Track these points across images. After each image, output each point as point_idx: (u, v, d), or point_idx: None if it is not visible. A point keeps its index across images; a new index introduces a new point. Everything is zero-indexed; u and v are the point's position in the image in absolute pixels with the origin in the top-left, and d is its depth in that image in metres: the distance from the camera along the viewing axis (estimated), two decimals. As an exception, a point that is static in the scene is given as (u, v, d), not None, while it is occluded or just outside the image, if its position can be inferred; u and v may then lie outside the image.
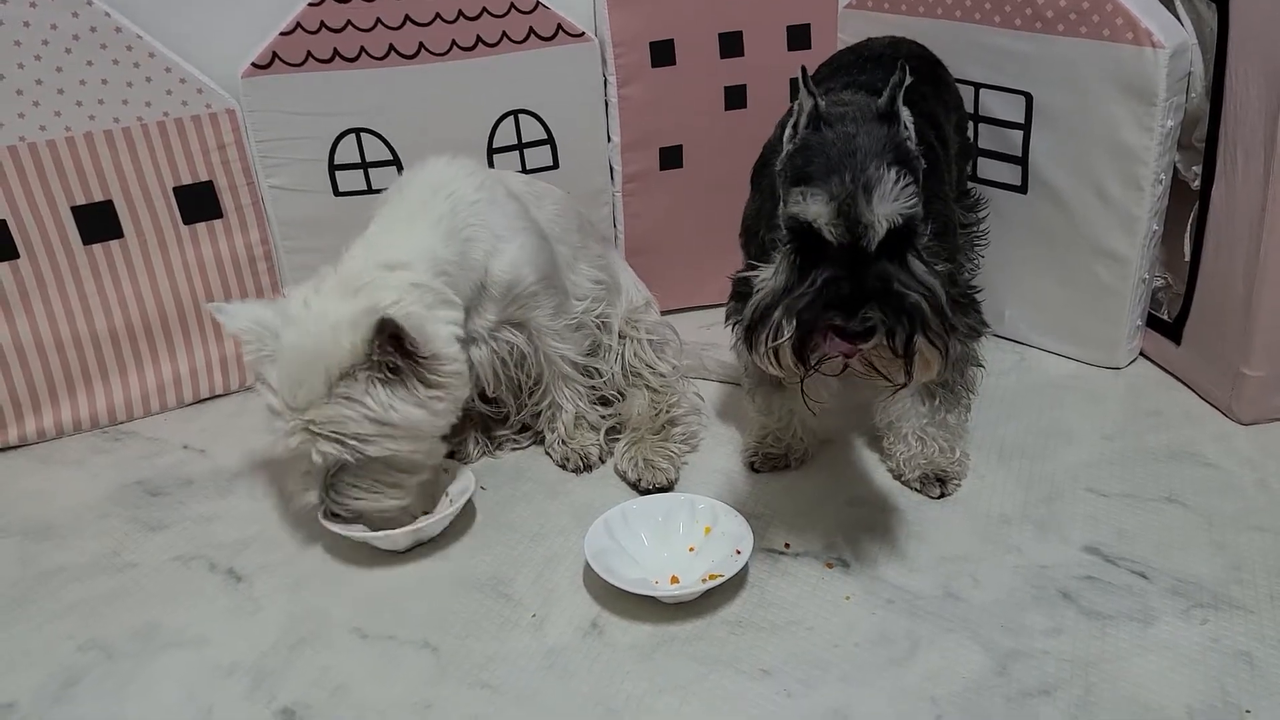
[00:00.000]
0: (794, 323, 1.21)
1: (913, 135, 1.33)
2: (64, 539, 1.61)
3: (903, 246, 1.22)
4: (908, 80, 1.26)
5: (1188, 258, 1.79)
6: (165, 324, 1.91)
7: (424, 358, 1.42)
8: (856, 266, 1.20)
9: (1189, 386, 1.82)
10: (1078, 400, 1.82)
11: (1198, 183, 1.76)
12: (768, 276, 1.28)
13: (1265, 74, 1.56)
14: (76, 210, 1.79)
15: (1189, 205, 1.80)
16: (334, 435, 1.40)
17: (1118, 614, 1.35)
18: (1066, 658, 1.28)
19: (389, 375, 1.41)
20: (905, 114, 1.32)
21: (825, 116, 1.25)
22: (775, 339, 1.22)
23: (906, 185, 1.20)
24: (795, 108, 1.30)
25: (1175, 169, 1.79)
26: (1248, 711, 1.19)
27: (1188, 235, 1.80)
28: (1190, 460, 1.64)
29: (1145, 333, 1.90)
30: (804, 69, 1.28)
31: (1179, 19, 1.72)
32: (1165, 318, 1.87)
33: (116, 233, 1.83)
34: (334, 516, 1.49)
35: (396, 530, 1.49)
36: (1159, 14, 1.69)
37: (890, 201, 1.19)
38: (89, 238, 1.81)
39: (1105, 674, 1.26)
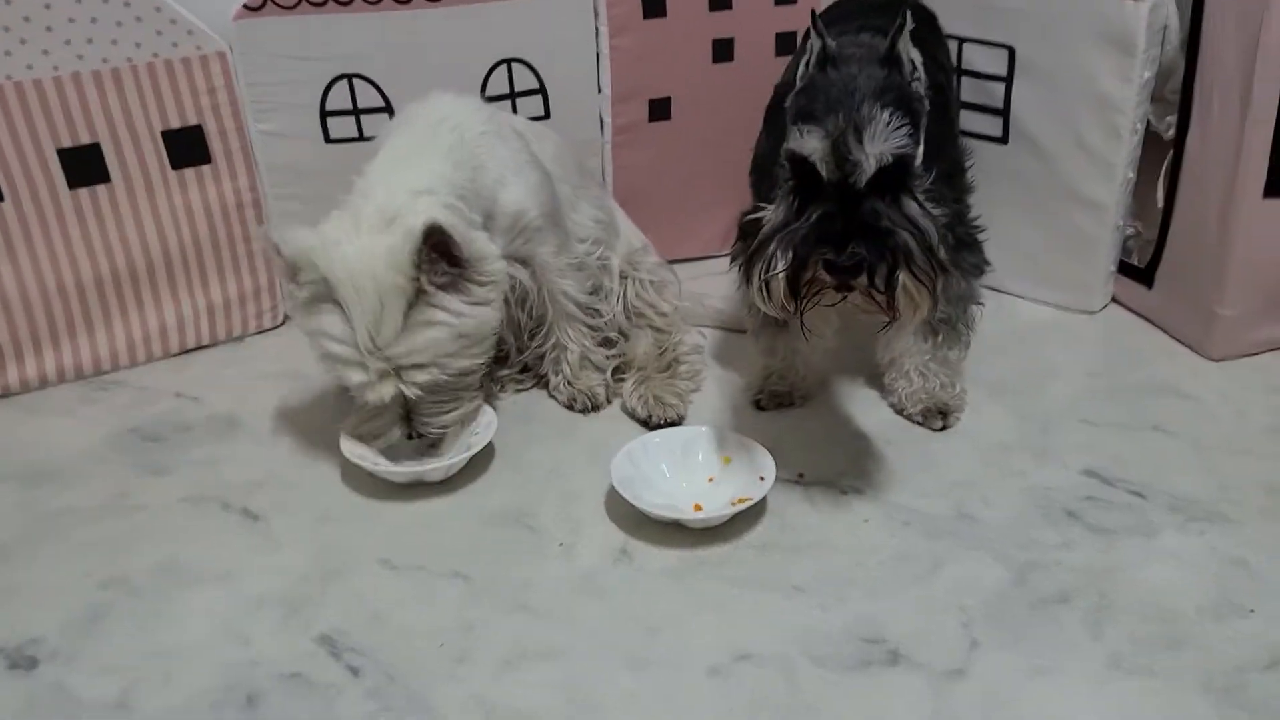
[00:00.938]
0: (788, 255, 1.25)
1: (922, 76, 1.38)
2: (66, 483, 1.57)
3: (896, 185, 1.27)
4: (910, 25, 1.31)
5: (1160, 204, 1.88)
6: (152, 271, 1.87)
7: (468, 261, 1.44)
8: (848, 204, 1.25)
9: (1161, 328, 1.91)
10: (1059, 341, 1.90)
11: (1171, 133, 1.85)
12: (774, 209, 1.33)
13: (1241, 24, 1.64)
14: (63, 153, 1.75)
15: (1160, 156, 1.89)
16: (424, 362, 1.43)
17: (1121, 529, 1.42)
18: (1080, 568, 1.35)
19: (444, 280, 1.43)
20: (915, 54, 1.36)
21: (832, 58, 1.29)
22: (768, 271, 1.27)
23: (900, 126, 1.25)
24: (807, 46, 1.33)
25: (1148, 120, 1.88)
26: (1251, 610, 1.27)
27: (1160, 183, 1.89)
28: (1171, 393, 1.72)
29: (1116, 278, 1.99)
30: (814, 12, 1.32)
31: (1155, -26, 1.81)
32: (1136, 263, 1.96)
33: (103, 177, 1.79)
34: (419, 438, 1.53)
35: (445, 461, 1.51)
36: (1138, -31, 1.77)
37: (881, 141, 1.24)
38: (75, 181, 1.77)
39: (1117, 581, 1.33)
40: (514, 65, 1.97)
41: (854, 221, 1.23)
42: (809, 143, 1.25)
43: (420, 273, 1.40)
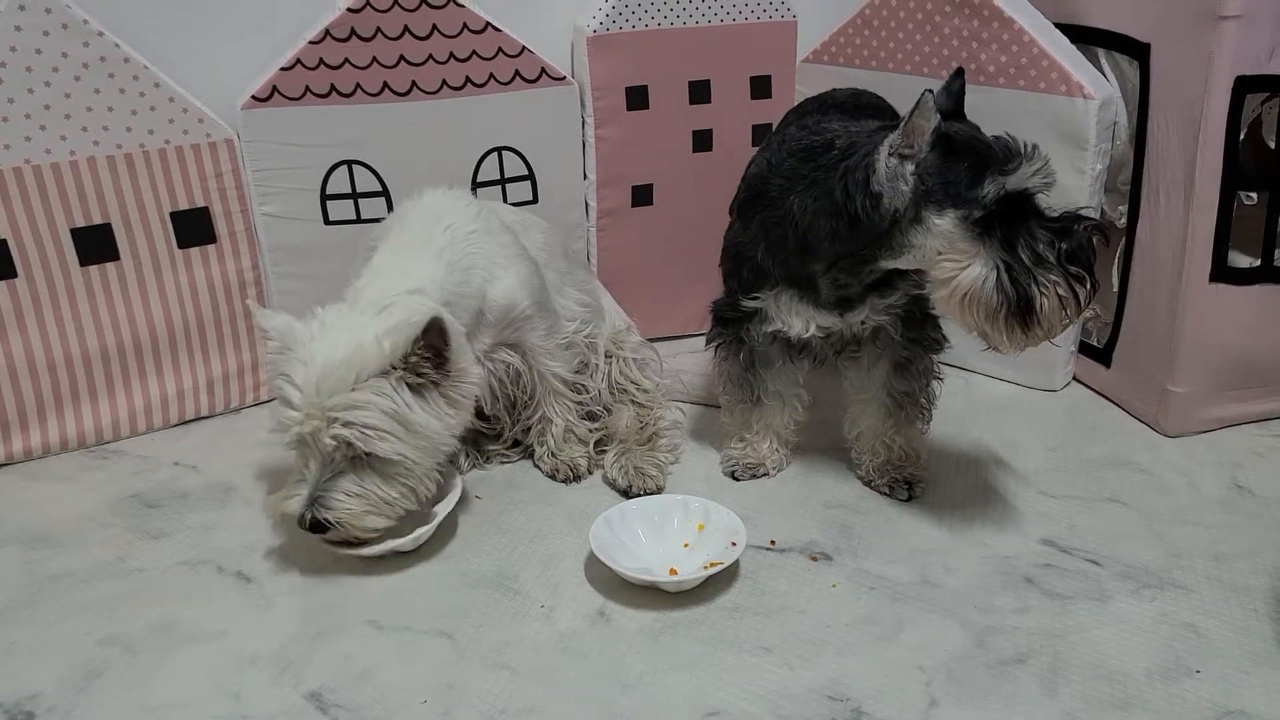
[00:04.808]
0: (1078, 287, 1.41)
1: None
2: (66, 547, 1.64)
3: None
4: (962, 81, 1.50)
5: (1115, 289, 1.99)
6: (155, 345, 1.96)
7: (451, 372, 1.51)
8: (1058, 225, 1.43)
9: (1119, 405, 2.00)
10: (1021, 418, 1.98)
11: (1123, 221, 1.96)
12: (980, 269, 1.42)
13: (1183, 123, 1.77)
14: (76, 232, 1.84)
15: (1115, 242, 2.00)
16: (349, 421, 1.46)
17: (1076, 594, 1.49)
18: (1036, 631, 1.42)
19: (417, 381, 1.50)
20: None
21: (945, 132, 1.41)
22: (1081, 290, 1.41)
23: None
24: (903, 128, 1.40)
25: (1102, 209, 1.99)
26: (1198, 671, 1.34)
27: (1115, 269, 1.99)
28: (1127, 467, 1.81)
29: (1077, 358, 2.09)
30: (928, 90, 1.40)
31: (1104, 75, 1.94)
32: (1095, 344, 2.06)
33: (113, 255, 1.88)
34: (313, 527, 1.51)
35: (401, 539, 1.56)
36: (1088, 69, 1.90)
37: None
38: (86, 259, 1.87)
39: (1071, 644, 1.39)
40: (504, 153, 2.08)
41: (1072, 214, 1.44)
42: (1032, 179, 1.41)
43: (404, 365, 1.48)
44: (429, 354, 1.49)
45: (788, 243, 1.55)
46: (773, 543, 1.61)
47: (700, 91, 2.16)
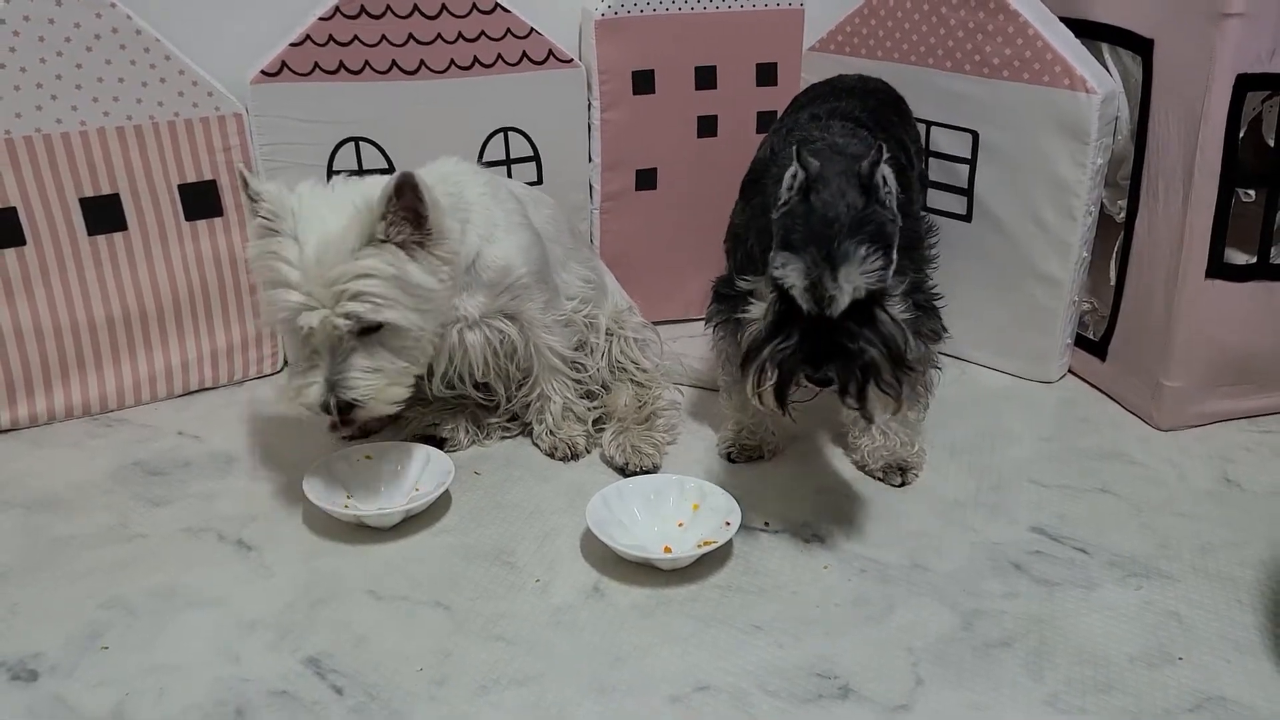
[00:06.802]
0: (774, 372, 1.39)
1: (894, 189, 1.44)
2: (69, 513, 1.66)
3: (871, 304, 1.38)
4: (886, 156, 1.40)
5: (1113, 282, 2.01)
6: (161, 316, 1.98)
7: (431, 231, 1.55)
8: (826, 325, 1.37)
9: (1113, 398, 2.02)
10: (1016, 408, 2.01)
11: (1122, 215, 1.97)
12: (758, 315, 1.44)
13: (1184, 118, 1.78)
14: (84, 201, 1.86)
15: (1113, 236, 2.02)
16: (358, 291, 1.49)
17: (1064, 581, 1.51)
18: (1022, 616, 1.44)
19: (403, 239, 1.54)
20: (888, 172, 1.43)
21: (814, 184, 1.36)
22: (760, 384, 1.41)
23: (874, 258, 1.35)
24: (793, 170, 1.39)
25: (1101, 203, 2.01)
26: (1180, 658, 1.36)
27: (1113, 262, 2.01)
28: (1119, 459, 1.83)
29: (1073, 350, 2.11)
30: (799, 147, 1.39)
31: (1108, 69, 1.95)
32: (1091, 337, 2.08)
33: (121, 225, 1.90)
34: (339, 408, 1.55)
35: (390, 509, 1.59)
36: (1091, 64, 1.91)
37: (857, 276, 1.34)
38: (94, 229, 1.88)
39: (1057, 629, 1.42)
40: (511, 134, 2.10)
41: (829, 344, 1.36)
42: (789, 276, 1.35)
43: (384, 222, 1.51)
44: (405, 215, 1.53)
45: (769, 231, 1.56)
46: (767, 524, 1.64)
47: (706, 77, 2.17)
